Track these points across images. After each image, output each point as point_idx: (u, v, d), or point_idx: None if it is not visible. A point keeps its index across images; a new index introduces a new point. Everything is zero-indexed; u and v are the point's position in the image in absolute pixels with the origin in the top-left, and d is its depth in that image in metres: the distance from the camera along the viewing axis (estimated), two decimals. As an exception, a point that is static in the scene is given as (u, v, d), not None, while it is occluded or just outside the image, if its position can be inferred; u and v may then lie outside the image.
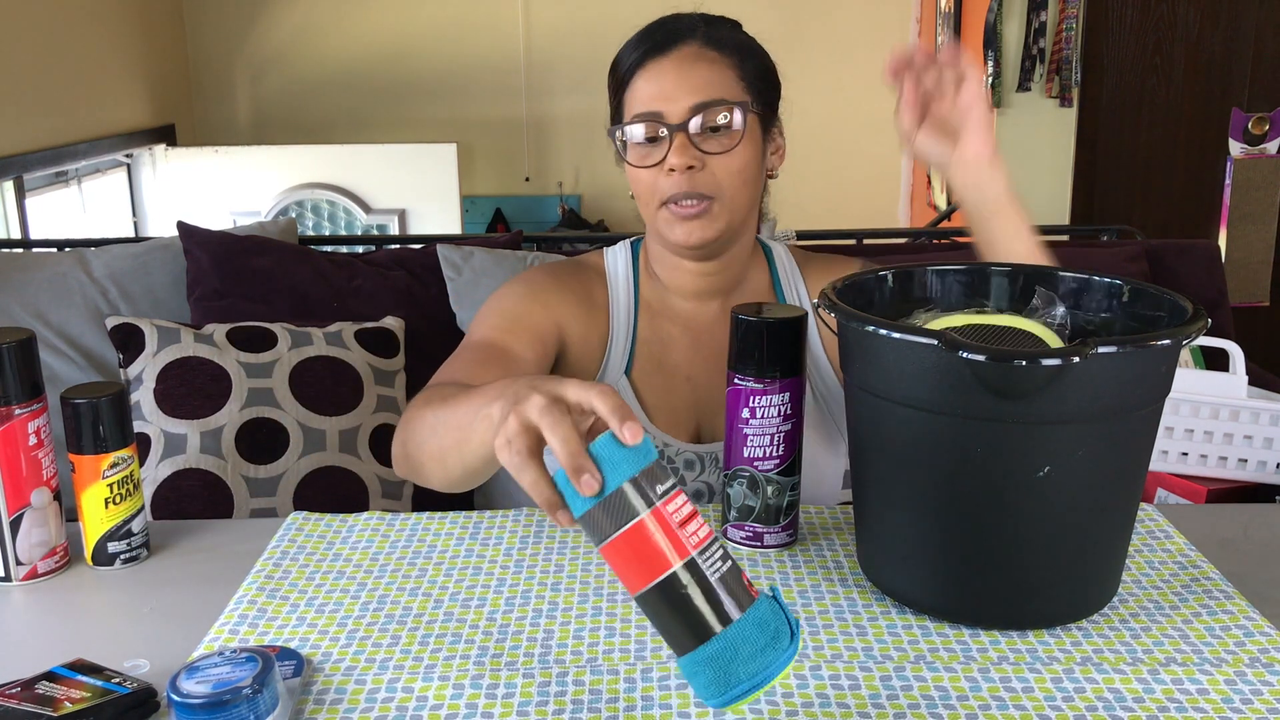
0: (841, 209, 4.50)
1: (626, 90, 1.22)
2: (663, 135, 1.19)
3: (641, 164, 1.21)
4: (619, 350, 1.28)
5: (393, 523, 1.14)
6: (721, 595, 0.70)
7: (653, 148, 1.20)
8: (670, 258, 1.28)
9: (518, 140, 4.67)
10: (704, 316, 1.31)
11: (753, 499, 1.05)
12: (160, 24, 4.27)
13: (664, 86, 1.19)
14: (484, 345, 1.21)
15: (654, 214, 1.22)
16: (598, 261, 1.35)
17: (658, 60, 1.20)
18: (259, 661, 0.78)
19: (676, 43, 1.20)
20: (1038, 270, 1.05)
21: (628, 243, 1.36)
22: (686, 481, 1.26)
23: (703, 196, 1.19)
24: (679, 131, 1.17)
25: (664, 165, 1.18)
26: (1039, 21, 3.38)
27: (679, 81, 1.18)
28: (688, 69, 1.19)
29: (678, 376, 1.29)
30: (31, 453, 1.03)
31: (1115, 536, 0.94)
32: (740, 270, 1.31)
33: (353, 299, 1.87)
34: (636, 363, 1.29)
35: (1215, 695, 0.83)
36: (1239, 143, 3.49)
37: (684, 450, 1.27)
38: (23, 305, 1.83)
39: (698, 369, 1.29)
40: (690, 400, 1.29)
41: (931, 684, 0.85)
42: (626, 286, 1.32)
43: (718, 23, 1.24)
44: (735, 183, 1.20)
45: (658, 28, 1.22)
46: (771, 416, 1.03)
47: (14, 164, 3.13)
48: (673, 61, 1.19)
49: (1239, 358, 1.48)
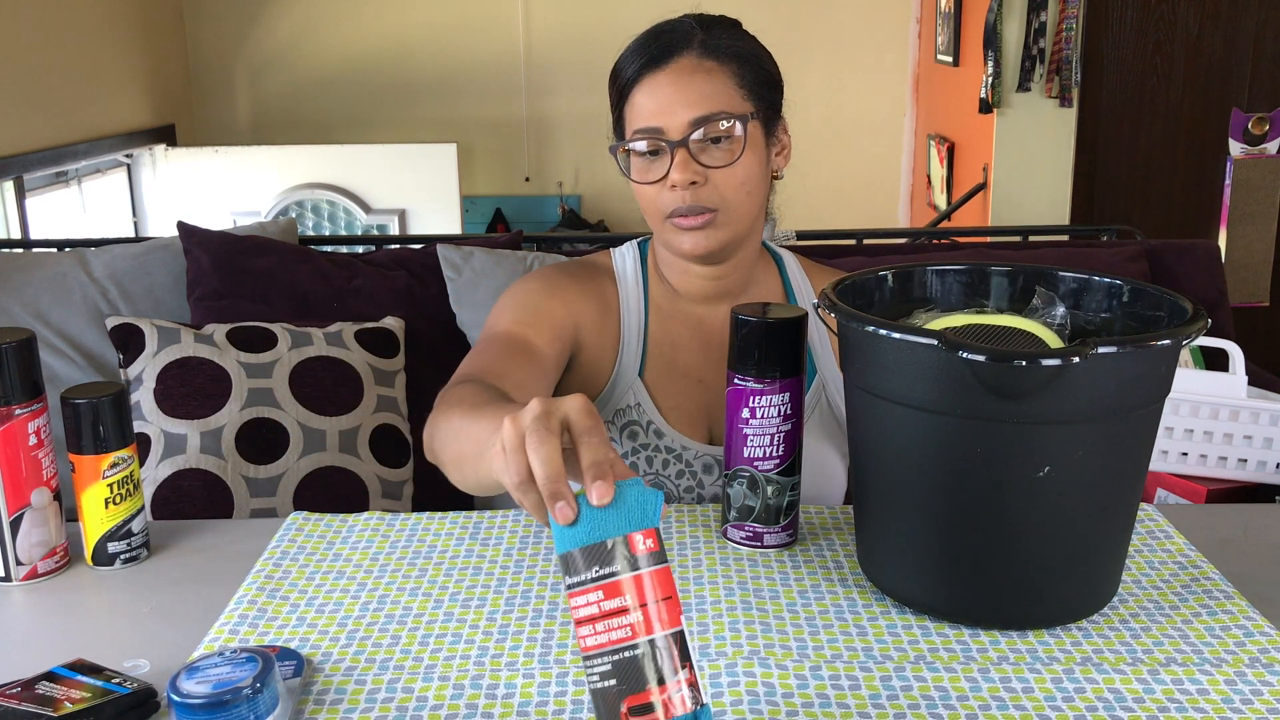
0: (841, 209, 4.50)
1: (626, 104, 1.22)
2: (664, 150, 1.18)
3: (644, 179, 1.20)
4: (631, 351, 1.28)
5: (393, 523, 1.14)
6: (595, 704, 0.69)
7: (654, 162, 1.19)
8: (678, 262, 1.28)
9: (518, 140, 4.67)
10: (714, 319, 1.30)
11: (752, 499, 1.05)
12: (160, 24, 4.27)
13: (661, 102, 1.18)
14: (507, 337, 1.20)
15: (660, 225, 1.23)
16: (606, 262, 1.34)
17: (654, 74, 1.19)
18: (259, 661, 0.78)
19: (673, 55, 1.19)
20: (1038, 270, 1.05)
21: (634, 244, 1.36)
22: (705, 485, 1.26)
23: (706, 209, 1.18)
24: (679, 147, 1.17)
25: (666, 181, 1.18)
26: (1039, 21, 3.38)
27: (676, 96, 1.17)
28: (685, 82, 1.18)
29: (690, 379, 1.29)
30: (31, 453, 1.03)
31: (1115, 536, 0.94)
32: (748, 273, 1.31)
33: (353, 299, 1.87)
34: (649, 364, 1.28)
35: (1215, 695, 0.83)
36: (1239, 143, 3.48)
37: (703, 454, 1.27)
38: (23, 305, 1.83)
39: (709, 371, 1.29)
40: (703, 402, 1.29)
41: (931, 684, 0.85)
42: (636, 288, 1.31)
43: (715, 27, 1.22)
44: (739, 194, 1.20)
45: (653, 39, 1.21)
46: (771, 416, 1.03)
47: (14, 164, 3.13)
48: (669, 75, 1.18)
49: (1239, 358, 1.48)
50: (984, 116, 3.54)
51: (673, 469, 1.25)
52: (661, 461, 1.25)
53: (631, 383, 1.27)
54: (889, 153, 4.63)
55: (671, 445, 1.25)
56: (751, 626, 0.93)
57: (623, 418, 1.25)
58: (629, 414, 1.25)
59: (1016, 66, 3.44)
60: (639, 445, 1.25)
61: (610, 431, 1.24)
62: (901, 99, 4.56)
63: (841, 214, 4.45)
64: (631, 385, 1.26)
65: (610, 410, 1.26)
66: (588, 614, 0.69)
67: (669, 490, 1.25)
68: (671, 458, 1.25)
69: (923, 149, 4.39)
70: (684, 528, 1.11)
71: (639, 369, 1.27)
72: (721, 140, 1.18)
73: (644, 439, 1.25)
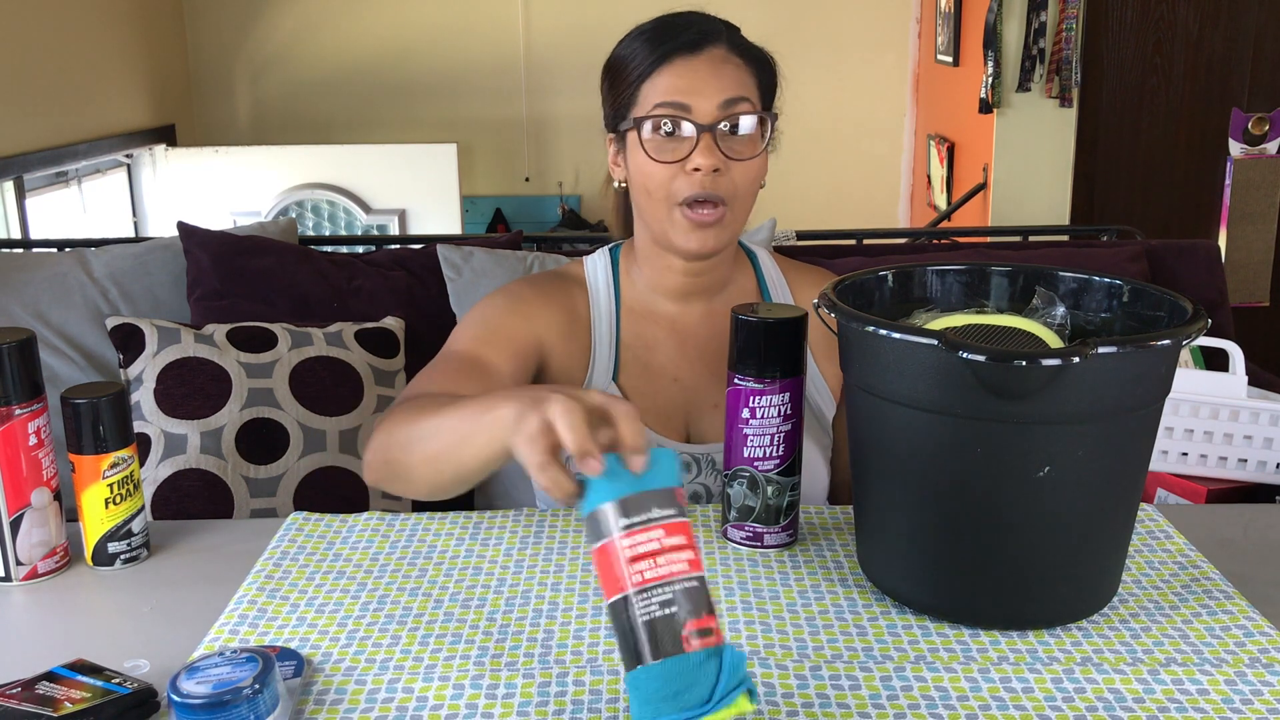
0: (841, 209, 4.50)
1: (645, 83, 1.19)
2: (687, 133, 1.17)
3: (660, 158, 1.18)
4: (603, 357, 1.28)
5: (393, 523, 1.14)
6: (642, 637, 0.73)
7: (675, 144, 1.17)
8: (662, 257, 1.27)
9: (518, 140, 4.67)
10: (688, 318, 1.31)
11: (753, 499, 1.05)
12: (160, 24, 4.27)
13: (694, 82, 1.17)
14: (463, 357, 1.20)
15: (665, 213, 1.20)
16: (578, 271, 1.35)
17: (688, 58, 1.18)
18: (259, 661, 0.78)
19: (707, 43, 1.19)
20: (1038, 270, 1.06)
21: (606, 249, 1.36)
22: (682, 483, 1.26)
23: (720, 201, 1.18)
24: (706, 132, 1.16)
25: (687, 164, 1.16)
26: (1039, 21, 3.38)
27: (710, 79, 1.17)
28: (719, 68, 1.18)
29: (664, 378, 1.29)
30: (31, 453, 1.03)
31: (1115, 536, 0.94)
32: (726, 272, 1.31)
33: (353, 299, 1.87)
34: (623, 367, 1.29)
35: (1215, 695, 0.83)
36: (1239, 143, 3.49)
37: (680, 453, 1.27)
38: (23, 305, 1.83)
39: (684, 370, 1.29)
40: (679, 401, 1.29)
41: (931, 684, 0.85)
42: (608, 292, 1.31)
43: (735, 30, 1.24)
44: (749, 190, 1.20)
45: (683, 27, 1.20)
46: (771, 417, 1.03)
47: (14, 164, 3.12)
48: (705, 61, 1.18)
49: (1239, 358, 1.48)
50: (984, 116, 3.54)
51: None
52: None
53: (605, 387, 1.27)
54: (889, 153, 4.62)
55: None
56: (751, 626, 0.93)
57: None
58: None
59: (1016, 66, 3.44)
60: None
61: None
62: (901, 99, 4.56)
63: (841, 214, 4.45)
64: (605, 389, 1.27)
65: None
66: (649, 549, 0.74)
67: None
68: None
69: (923, 149, 4.39)
70: (684, 528, 1.11)
71: (613, 373, 1.28)
72: (744, 134, 1.18)
73: None
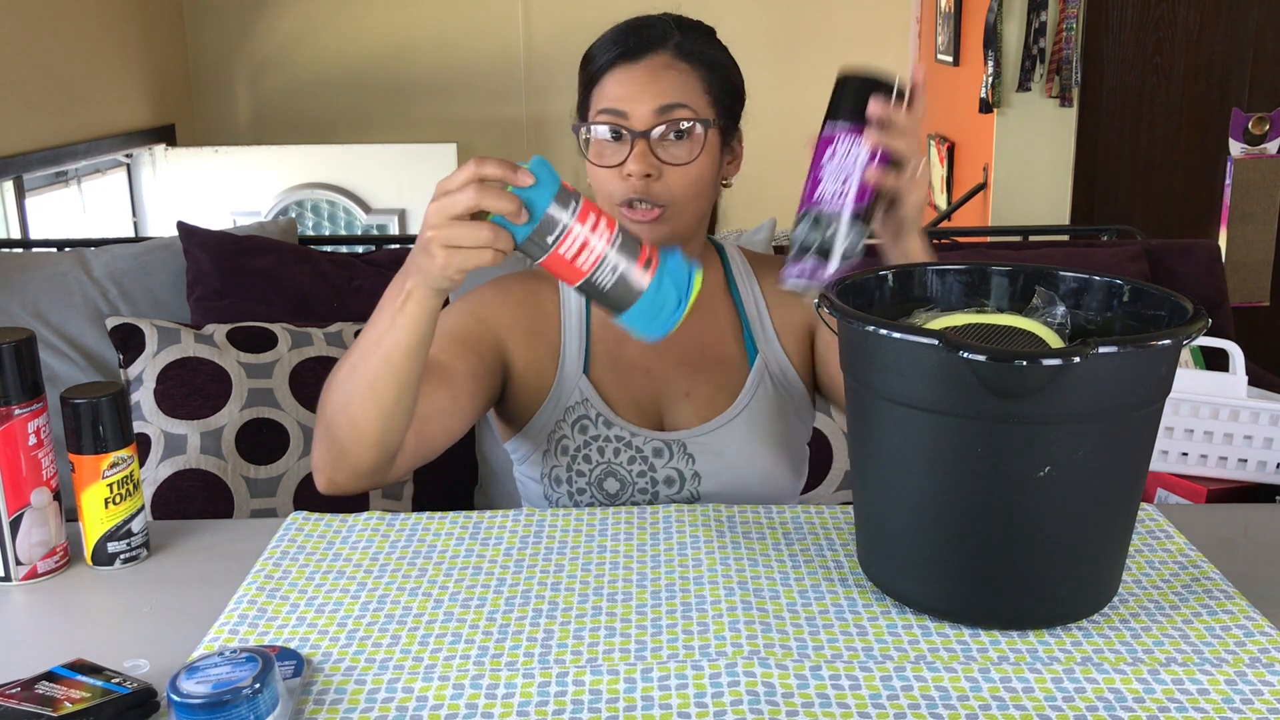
0: (842, 209, 4.49)
1: (595, 88, 1.25)
2: (624, 137, 1.21)
3: (600, 163, 1.23)
4: (573, 351, 1.30)
5: (393, 523, 1.14)
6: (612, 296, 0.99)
7: (614, 148, 1.22)
8: None
9: (518, 140, 4.67)
10: None
11: (814, 235, 1.07)
12: (160, 24, 4.27)
13: (630, 89, 1.21)
14: None
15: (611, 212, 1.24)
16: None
17: (628, 65, 1.23)
18: (259, 661, 0.78)
19: (649, 50, 1.23)
20: (1038, 270, 1.05)
21: None
22: (657, 469, 1.27)
23: (655, 204, 1.21)
24: (640, 138, 1.20)
25: (622, 169, 1.21)
26: (1039, 21, 3.38)
27: (646, 86, 1.21)
28: (657, 76, 1.22)
29: (636, 370, 1.31)
30: (31, 453, 1.03)
31: (1115, 536, 0.94)
32: None
33: (353, 299, 1.87)
34: (594, 360, 1.30)
35: (1215, 695, 0.83)
36: (1239, 143, 3.49)
37: (652, 439, 1.28)
38: (23, 305, 1.83)
39: (654, 361, 1.31)
40: (651, 391, 1.30)
41: (931, 684, 0.85)
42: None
43: (691, 32, 1.26)
44: (689, 194, 1.23)
45: (631, 32, 1.25)
46: (855, 158, 1.07)
47: (14, 164, 3.12)
48: (643, 68, 1.22)
49: (1239, 358, 1.48)
50: (984, 116, 3.54)
51: (624, 455, 1.27)
52: (613, 450, 1.27)
53: (577, 380, 1.29)
54: (889, 153, 4.62)
55: (621, 434, 1.27)
56: (751, 626, 0.93)
57: (573, 414, 1.28)
58: (578, 410, 1.28)
59: (1016, 66, 3.44)
60: (590, 438, 1.27)
61: (562, 429, 1.27)
62: (902, 99, 4.56)
63: (841, 214, 4.44)
64: (578, 383, 1.28)
65: (560, 408, 1.28)
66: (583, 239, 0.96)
67: (623, 476, 1.26)
68: (622, 445, 1.27)
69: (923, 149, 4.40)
70: (684, 528, 1.11)
71: (584, 366, 1.29)
72: (681, 137, 1.21)
73: (594, 431, 1.28)
